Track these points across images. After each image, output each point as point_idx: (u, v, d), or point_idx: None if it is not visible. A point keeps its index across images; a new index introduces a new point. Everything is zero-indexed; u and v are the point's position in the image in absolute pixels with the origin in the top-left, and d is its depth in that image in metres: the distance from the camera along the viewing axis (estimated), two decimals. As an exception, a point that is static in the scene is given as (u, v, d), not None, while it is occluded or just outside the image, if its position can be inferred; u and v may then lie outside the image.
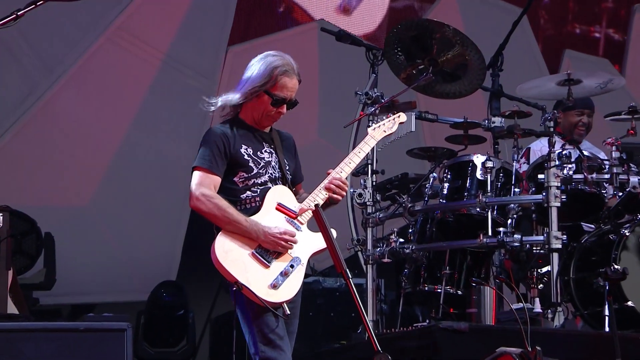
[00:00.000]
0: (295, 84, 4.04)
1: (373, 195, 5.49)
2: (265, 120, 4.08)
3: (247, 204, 4.00)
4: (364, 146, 4.20)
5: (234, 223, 3.87)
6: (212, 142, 3.99)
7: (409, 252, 5.30)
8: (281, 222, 3.95)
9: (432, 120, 5.74)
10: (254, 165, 4.04)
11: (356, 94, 5.57)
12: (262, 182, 4.04)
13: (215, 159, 3.97)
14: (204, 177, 3.94)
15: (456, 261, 5.35)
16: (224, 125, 4.07)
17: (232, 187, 4.01)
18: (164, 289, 6.94)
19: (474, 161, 5.41)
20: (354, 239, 5.56)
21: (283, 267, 3.88)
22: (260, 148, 4.09)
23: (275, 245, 3.88)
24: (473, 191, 5.34)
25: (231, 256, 3.85)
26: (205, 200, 3.90)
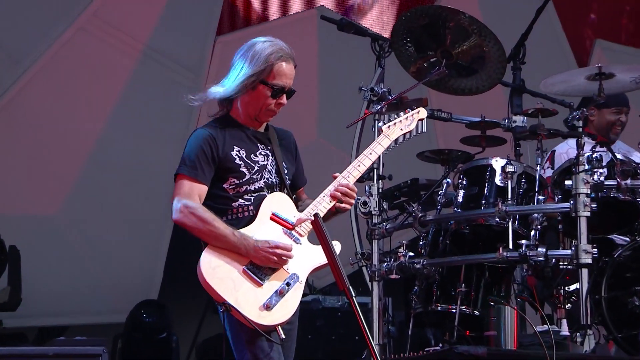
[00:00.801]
0: (292, 70, 4.03)
1: (379, 204, 5.49)
2: (264, 115, 4.06)
3: (239, 214, 3.99)
4: (376, 147, 4.18)
5: (220, 238, 3.87)
6: (197, 146, 3.98)
7: (419, 267, 5.31)
8: (276, 234, 3.95)
9: (446, 120, 5.74)
10: (246, 169, 4.03)
11: (360, 90, 5.58)
12: (256, 189, 4.03)
13: (200, 164, 3.96)
14: (188, 186, 3.93)
15: (473, 278, 5.36)
16: (211, 126, 4.06)
17: (222, 195, 4.00)
18: (144, 309, 6.96)
19: (493, 165, 5.42)
20: (358, 252, 5.55)
21: (278, 286, 3.87)
22: (255, 150, 4.07)
23: (267, 261, 3.87)
24: (491, 199, 5.35)
25: (219, 273, 3.85)
26: (188, 213, 3.89)
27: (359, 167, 4.10)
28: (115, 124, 7.69)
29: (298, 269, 3.93)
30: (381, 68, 5.74)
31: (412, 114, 4.34)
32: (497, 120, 5.77)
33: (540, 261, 5.18)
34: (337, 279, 3.52)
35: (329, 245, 3.57)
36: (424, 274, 5.33)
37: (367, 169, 4.18)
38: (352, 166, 4.10)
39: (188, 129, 7.39)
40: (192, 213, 3.90)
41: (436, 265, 5.37)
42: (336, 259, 3.54)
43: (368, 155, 4.14)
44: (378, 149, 4.17)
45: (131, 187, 7.60)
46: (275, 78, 4.00)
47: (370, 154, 4.15)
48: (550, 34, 8.41)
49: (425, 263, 5.32)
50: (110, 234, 7.53)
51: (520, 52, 6.11)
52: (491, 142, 5.81)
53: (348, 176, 4.06)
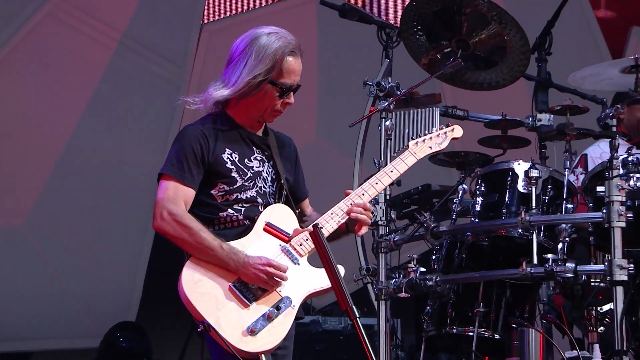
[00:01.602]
0: (300, 65, 4.05)
1: (387, 213, 5.49)
2: (269, 116, 4.07)
3: (227, 224, 4.00)
4: (399, 164, 4.17)
5: (207, 250, 3.87)
6: (186, 144, 3.97)
7: (432, 284, 5.29)
8: (272, 251, 3.95)
9: (462, 118, 5.74)
10: (238, 175, 4.03)
11: (365, 84, 5.58)
12: (247, 198, 4.03)
13: (189, 165, 3.95)
14: (173, 189, 3.93)
15: (492, 296, 5.35)
16: (204, 123, 4.05)
17: (208, 202, 4.00)
18: (121, 333, 6.96)
19: (515, 169, 5.41)
20: (362, 267, 5.53)
21: (267, 309, 3.87)
22: (250, 154, 4.08)
23: (257, 280, 3.86)
24: (513, 207, 5.35)
25: (201, 288, 3.84)
26: (172, 220, 3.88)
27: (376, 185, 4.10)
28: (88, 123, 7.69)
29: (292, 292, 3.92)
30: (388, 60, 5.74)
31: (445, 131, 4.35)
32: (519, 118, 5.78)
33: (569, 278, 5.16)
34: (339, 297, 3.51)
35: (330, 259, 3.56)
36: (437, 292, 5.32)
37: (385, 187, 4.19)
38: (368, 183, 4.09)
39: (171, 128, 7.41)
40: (177, 221, 3.89)
41: (451, 282, 5.35)
42: (338, 275, 3.53)
43: (388, 173, 4.14)
44: (401, 167, 4.17)
45: (106, 195, 7.61)
46: (284, 76, 4.01)
47: (391, 171, 4.15)
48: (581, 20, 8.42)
49: (439, 280, 5.31)
50: (83, 247, 7.53)
51: (546, 42, 6.11)
52: (513, 143, 5.80)
53: (362, 194, 4.06)
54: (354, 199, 4.04)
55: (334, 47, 8.06)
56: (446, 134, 4.33)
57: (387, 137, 5.49)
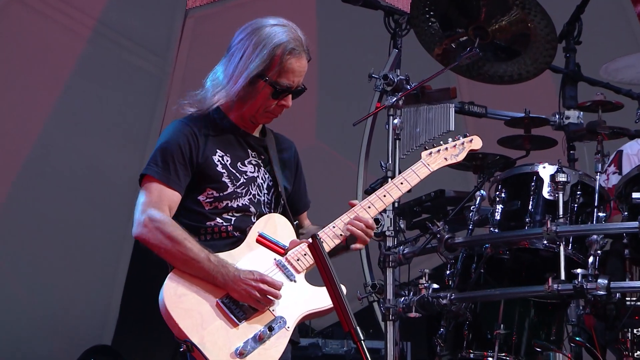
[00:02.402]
0: (304, 66, 4.05)
1: (395, 222, 5.48)
2: (262, 117, 4.08)
3: (214, 235, 4.00)
4: (410, 176, 4.20)
5: (192, 262, 3.87)
6: (172, 142, 3.98)
7: (446, 303, 5.28)
8: (265, 266, 3.95)
9: (480, 115, 5.77)
10: (229, 181, 4.03)
11: (371, 77, 5.58)
12: (239, 207, 4.03)
13: (175, 166, 3.96)
14: (156, 192, 3.93)
15: (514, 317, 5.34)
16: (194, 119, 4.06)
17: (195, 209, 4.01)
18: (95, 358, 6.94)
19: (540, 173, 5.41)
20: (367, 284, 5.53)
21: (258, 329, 3.87)
22: (244, 158, 4.08)
23: (247, 297, 3.87)
24: (538, 216, 5.34)
25: (185, 303, 3.85)
26: (154, 228, 3.88)
27: (384, 198, 4.11)
28: (57, 121, 7.70)
29: (286, 312, 3.93)
30: (397, 50, 5.73)
31: (462, 142, 4.39)
32: (545, 116, 5.79)
33: (601, 296, 5.14)
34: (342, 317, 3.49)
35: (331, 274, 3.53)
36: (452, 311, 5.31)
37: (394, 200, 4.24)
38: (376, 196, 4.10)
39: (152, 127, 7.41)
40: (159, 228, 3.89)
41: (467, 300, 5.35)
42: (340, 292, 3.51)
43: (398, 185, 4.17)
44: (412, 179, 4.21)
45: (78, 202, 7.60)
46: (281, 76, 4.02)
47: (401, 183, 4.18)
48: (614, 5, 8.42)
49: (454, 298, 5.29)
50: (51, 260, 7.54)
51: (575, 29, 6.11)
52: (538, 143, 5.81)
53: (369, 207, 4.07)
54: (359, 211, 4.04)
55: (336, 36, 8.07)
56: (464, 145, 4.38)
57: (396, 137, 5.49)
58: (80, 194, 7.63)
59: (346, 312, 3.49)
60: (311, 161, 7.03)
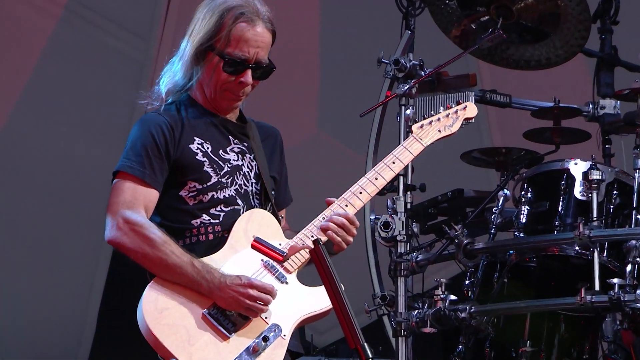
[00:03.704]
0: (261, 35, 4.03)
1: (407, 226, 5.48)
2: (222, 98, 4.09)
3: (201, 236, 4.00)
4: (402, 153, 4.18)
5: (174, 268, 3.88)
6: (146, 135, 3.99)
7: (465, 316, 5.29)
8: (252, 268, 3.95)
9: (503, 105, 5.75)
10: (211, 170, 4.04)
11: (380, 62, 5.57)
12: (225, 199, 4.03)
13: (150, 160, 3.97)
14: (131, 191, 3.95)
15: (542, 332, 5.35)
16: (167, 109, 4.09)
17: (177, 207, 4.01)
18: (69, 377, 7.03)
19: (571, 171, 5.42)
20: (376, 295, 5.53)
21: (251, 340, 3.88)
22: (225, 145, 4.09)
23: (236, 305, 3.88)
24: (569, 219, 5.36)
25: (168, 318, 3.85)
26: (129, 230, 3.90)
27: (375, 181, 4.09)
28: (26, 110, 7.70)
29: (281, 319, 3.93)
30: (410, 31, 5.73)
31: (455, 110, 4.35)
32: (576, 105, 5.77)
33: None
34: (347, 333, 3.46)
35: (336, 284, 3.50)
36: (472, 326, 5.31)
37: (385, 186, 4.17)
38: (365, 178, 4.08)
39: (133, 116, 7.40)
40: (135, 230, 3.90)
41: (489, 313, 5.35)
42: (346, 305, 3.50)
43: (389, 165, 4.14)
44: (405, 157, 4.17)
45: (50, 200, 7.60)
46: (231, 45, 4.01)
47: (392, 162, 4.15)
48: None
49: (474, 311, 5.29)
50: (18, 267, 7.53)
51: (611, 7, 6.10)
52: (569, 137, 5.80)
53: (360, 192, 4.05)
54: (338, 210, 4.01)
55: (341, 14, 8.06)
56: (457, 113, 4.33)
57: (408, 130, 5.38)
58: (51, 193, 7.63)
59: (353, 327, 3.45)
60: (312, 155, 7.07)
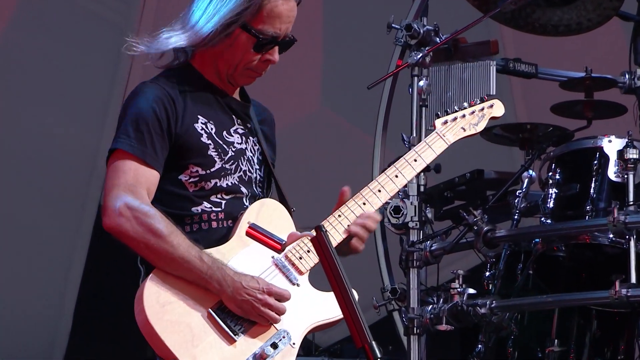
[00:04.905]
0: (293, 9, 4.05)
1: (420, 211, 5.51)
2: (242, 76, 4.10)
3: (203, 224, 4.02)
4: (424, 151, 4.21)
5: (180, 262, 3.89)
6: (146, 108, 3.99)
7: (485, 312, 5.30)
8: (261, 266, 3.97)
9: (528, 75, 5.75)
10: (216, 154, 4.05)
11: (390, 27, 5.59)
12: (229, 187, 4.05)
13: (151, 138, 3.97)
14: (132, 172, 3.95)
15: (572, 330, 5.38)
16: (166, 79, 4.08)
17: (176, 193, 4.02)
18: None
19: (604, 149, 5.44)
20: (386, 289, 5.59)
21: (258, 346, 3.90)
22: (229, 125, 4.10)
23: (249, 311, 3.90)
24: (602, 203, 5.37)
25: (171, 314, 3.87)
26: (132, 217, 3.90)
27: (395, 179, 4.14)
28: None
29: (291, 325, 3.96)
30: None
31: (481, 107, 4.39)
32: (611, 76, 5.78)
33: (683, 304, 5.21)
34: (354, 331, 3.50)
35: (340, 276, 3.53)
36: (493, 323, 5.33)
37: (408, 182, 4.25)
38: (385, 176, 4.13)
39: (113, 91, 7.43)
40: (139, 219, 3.90)
41: (512, 309, 5.37)
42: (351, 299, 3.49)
43: (411, 163, 4.18)
44: (427, 155, 4.21)
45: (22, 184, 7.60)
46: (265, 22, 4.02)
47: (414, 160, 4.19)
48: None
49: (495, 306, 5.31)
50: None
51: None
52: (602, 111, 5.82)
53: (378, 190, 4.10)
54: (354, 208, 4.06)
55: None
56: (483, 111, 4.37)
57: (421, 104, 5.49)
58: (23, 174, 7.65)
59: (359, 324, 3.47)
60: (315, 132, 7.04)
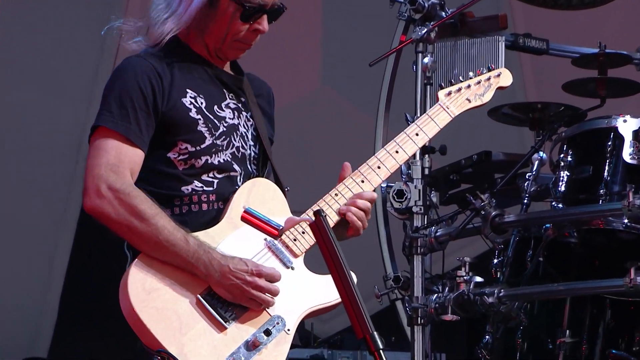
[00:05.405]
0: None
1: (424, 195, 5.52)
2: (230, 49, 4.12)
3: (193, 205, 4.03)
4: (426, 124, 4.23)
5: (165, 245, 3.91)
6: (130, 84, 4.01)
7: (492, 301, 5.30)
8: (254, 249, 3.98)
9: (539, 52, 5.75)
10: (206, 130, 4.06)
11: (393, 1, 5.60)
12: (220, 164, 4.06)
13: (136, 114, 3.99)
14: (115, 150, 3.96)
15: (584, 320, 5.40)
16: (152, 54, 4.11)
17: (166, 172, 4.03)
18: (26, 373, 7.02)
19: (619, 129, 5.42)
20: (388, 277, 5.57)
21: (251, 334, 3.91)
22: (220, 99, 4.12)
23: (238, 295, 3.91)
24: (616, 186, 5.36)
25: (157, 301, 3.88)
26: (114, 197, 3.92)
27: (396, 155, 4.14)
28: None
29: (285, 310, 3.96)
30: (428, -36, 5.75)
31: (487, 76, 4.39)
32: (626, 51, 5.78)
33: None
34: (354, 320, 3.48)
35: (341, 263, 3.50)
36: (501, 313, 5.33)
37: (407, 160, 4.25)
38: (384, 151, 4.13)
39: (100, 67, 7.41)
40: (122, 200, 3.92)
41: (521, 298, 5.37)
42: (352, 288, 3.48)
43: (412, 137, 4.19)
44: (430, 129, 4.23)
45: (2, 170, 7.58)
46: None
47: (416, 135, 4.20)
48: None
49: (503, 295, 5.31)
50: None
51: None
52: (616, 89, 5.83)
53: (378, 167, 4.11)
54: (351, 186, 4.06)
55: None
56: (490, 81, 4.37)
57: (426, 82, 5.49)
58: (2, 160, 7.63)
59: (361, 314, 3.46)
60: (314, 111, 7.04)
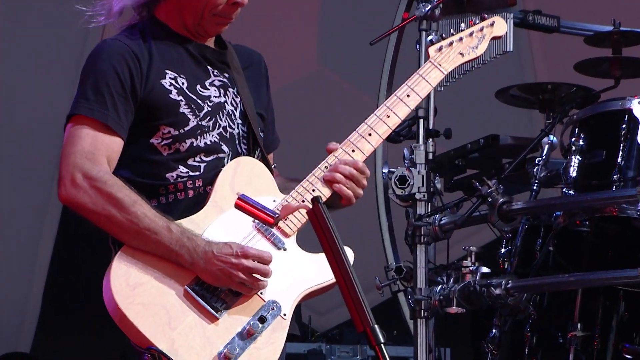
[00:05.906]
0: None
1: (428, 181, 5.54)
2: (210, 24, 4.11)
3: (179, 193, 4.03)
4: (418, 84, 4.20)
5: (146, 233, 3.91)
6: (106, 69, 4.01)
7: (500, 293, 5.32)
8: (242, 232, 3.98)
9: (550, 30, 5.77)
10: (189, 111, 4.06)
11: (395, -24, 5.65)
12: (207, 146, 4.06)
13: (113, 100, 3.99)
14: (90, 138, 3.97)
15: (597, 312, 5.39)
16: (130, 36, 4.10)
17: (150, 159, 4.03)
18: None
19: (634, 111, 5.42)
20: (390, 267, 5.59)
21: (245, 322, 3.91)
22: (203, 78, 4.12)
23: (225, 279, 3.90)
24: (631, 172, 5.36)
25: (142, 296, 3.87)
26: (90, 186, 3.92)
27: (387, 120, 4.11)
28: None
29: (279, 294, 3.97)
30: (432, -63, 5.76)
31: (480, 27, 4.37)
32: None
33: None
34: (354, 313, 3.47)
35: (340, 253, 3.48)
36: (509, 305, 5.35)
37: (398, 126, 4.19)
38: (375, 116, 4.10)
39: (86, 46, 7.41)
40: (97, 188, 3.92)
41: (530, 290, 5.38)
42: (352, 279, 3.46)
43: (403, 99, 4.16)
44: (421, 88, 4.19)
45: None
46: None
47: (407, 95, 4.17)
48: None
49: (511, 286, 5.33)
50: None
51: None
52: (631, 69, 5.84)
53: (369, 134, 4.09)
54: (343, 157, 4.04)
55: None
56: (482, 31, 4.34)
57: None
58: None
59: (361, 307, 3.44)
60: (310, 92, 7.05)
